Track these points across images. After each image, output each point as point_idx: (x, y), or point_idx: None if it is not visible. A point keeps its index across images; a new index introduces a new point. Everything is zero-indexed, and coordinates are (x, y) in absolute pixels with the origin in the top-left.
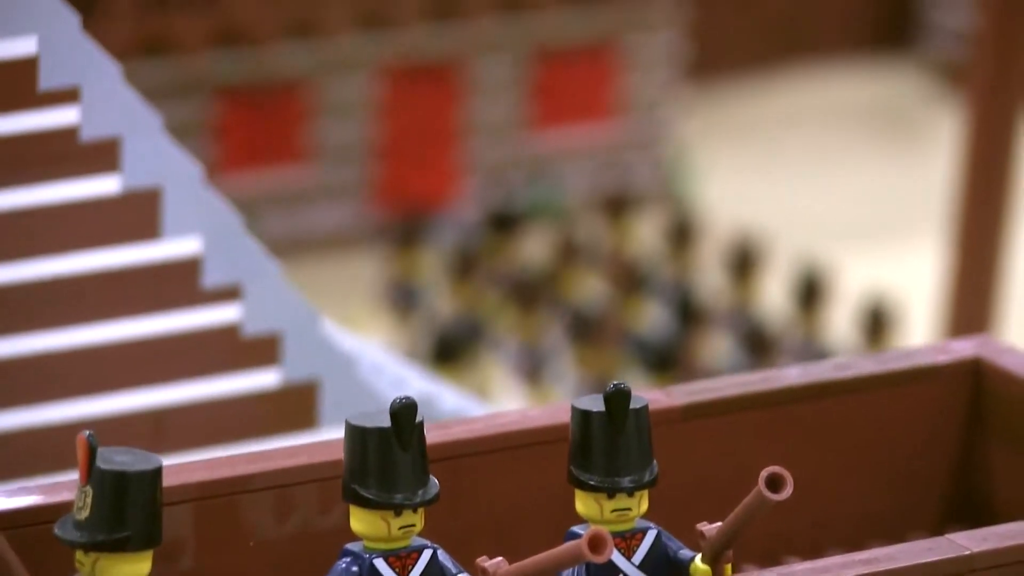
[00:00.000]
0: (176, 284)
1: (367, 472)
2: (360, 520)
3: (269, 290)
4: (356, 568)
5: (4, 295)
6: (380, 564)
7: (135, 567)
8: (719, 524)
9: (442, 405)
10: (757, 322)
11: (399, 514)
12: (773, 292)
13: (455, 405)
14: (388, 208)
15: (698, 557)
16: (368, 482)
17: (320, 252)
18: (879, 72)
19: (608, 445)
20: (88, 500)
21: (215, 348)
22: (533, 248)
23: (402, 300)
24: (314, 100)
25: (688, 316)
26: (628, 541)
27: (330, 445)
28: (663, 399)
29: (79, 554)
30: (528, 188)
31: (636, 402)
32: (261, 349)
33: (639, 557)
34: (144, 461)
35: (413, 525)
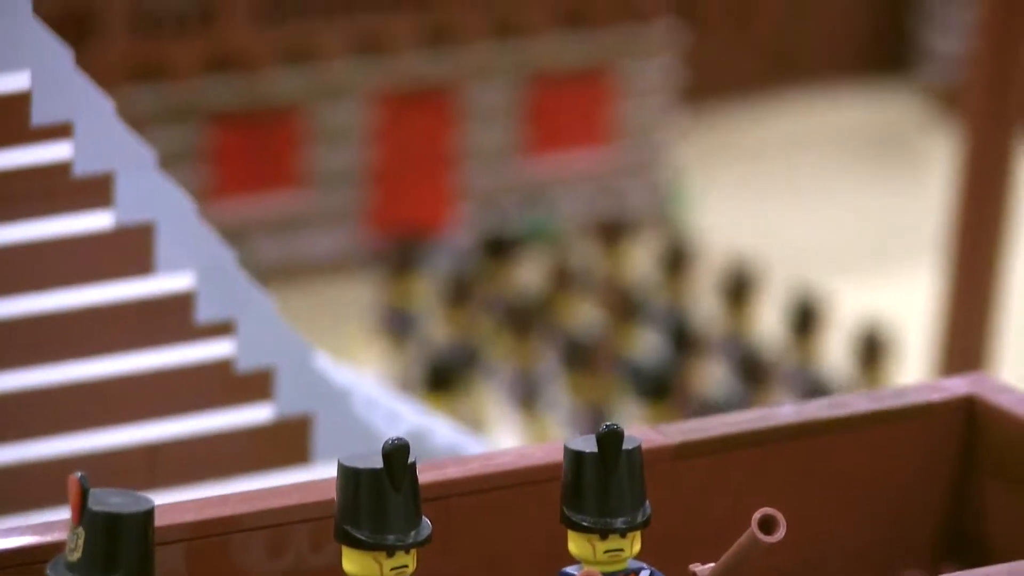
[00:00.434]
0: (169, 319)
1: (359, 513)
2: (352, 561)
3: (262, 325)
4: None
5: None
6: None
7: None
8: (712, 565)
9: (436, 439)
10: (752, 349)
11: (391, 555)
12: (768, 319)
13: (449, 439)
14: (382, 234)
15: None
16: (360, 523)
17: (314, 278)
18: (874, 97)
19: (601, 486)
20: (80, 542)
21: (208, 383)
22: (527, 274)
23: (397, 326)
24: (308, 125)
25: (682, 343)
26: None
27: (322, 484)
28: (656, 438)
29: None
30: (523, 214)
31: (629, 443)
32: (254, 384)
33: None
34: (136, 503)
35: (406, 566)
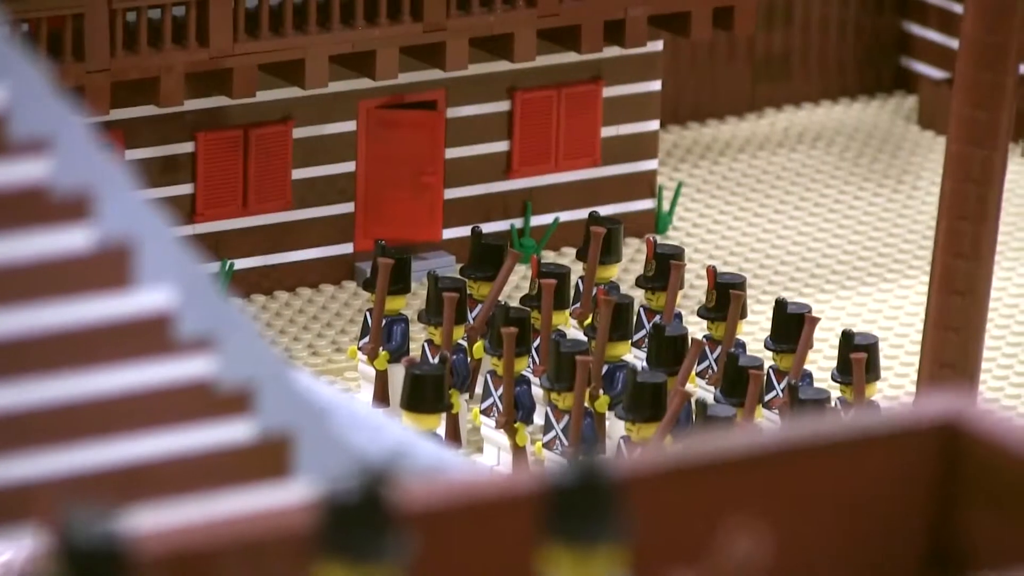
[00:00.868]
0: (150, 336)
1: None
2: None
3: (243, 342)
4: None
5: None
6: None
7: None
8: None
9: (418, 455)
10: (735, 360)
11: None
12: (751, 331)
13: (432, 455)
14: (369, 246)
15: None
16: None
17: (301, 290)
18: (862, 117)
19: (580, 509)
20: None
21: (189, 400)
22: (513, 287)
23: (383, 338)
24: (296, 140)
25: (668, 355)
26: None
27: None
28: (638, 461)
29: None
30: (509, 228)
31: (609, 467)
32: (235, 401)
33: None
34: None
35: None
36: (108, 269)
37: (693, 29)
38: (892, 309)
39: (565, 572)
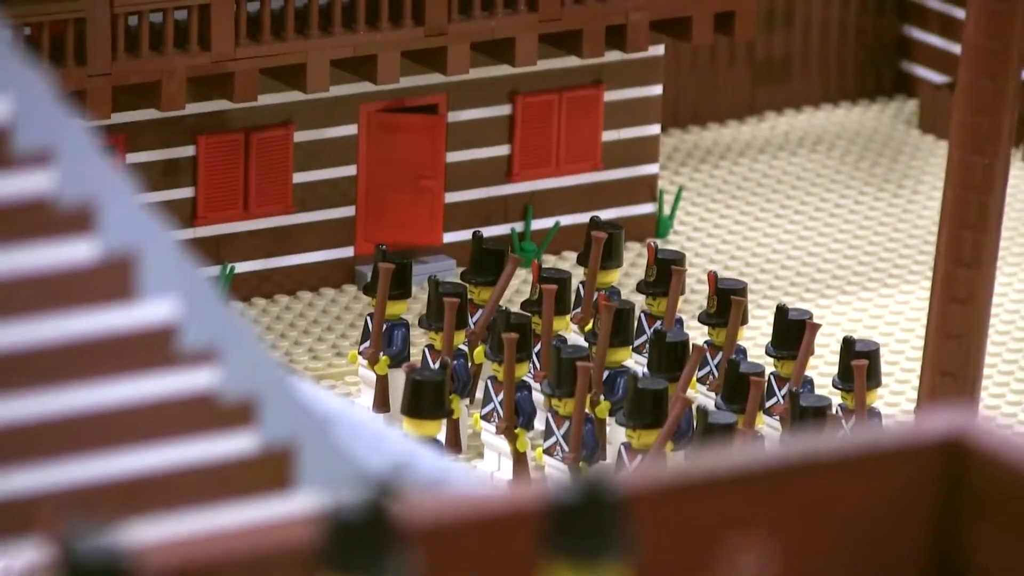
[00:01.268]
0: (152, 348)
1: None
2: None
3: (246, 354)
4: None
5: None
6: None
7: None
8: None
9: (421, 467)
10: (736, 367)
11: None
12: (752, 336)
13: (434, 466)
14: (370, 250)
15: None
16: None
17: (302, 294)
18: (862, 121)
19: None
20: None
21: (192, 412)
22: (514, 291)
23: (384, 342)
24: (297, 143)
25: (667, 360)
26: None
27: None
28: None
29: None
30: (510, 232)
31: (612, 483)
32: (238, 413)
33: None
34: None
35: None
36: (111, 281)
37: (694, 34)
38: (893, 315)
39: None
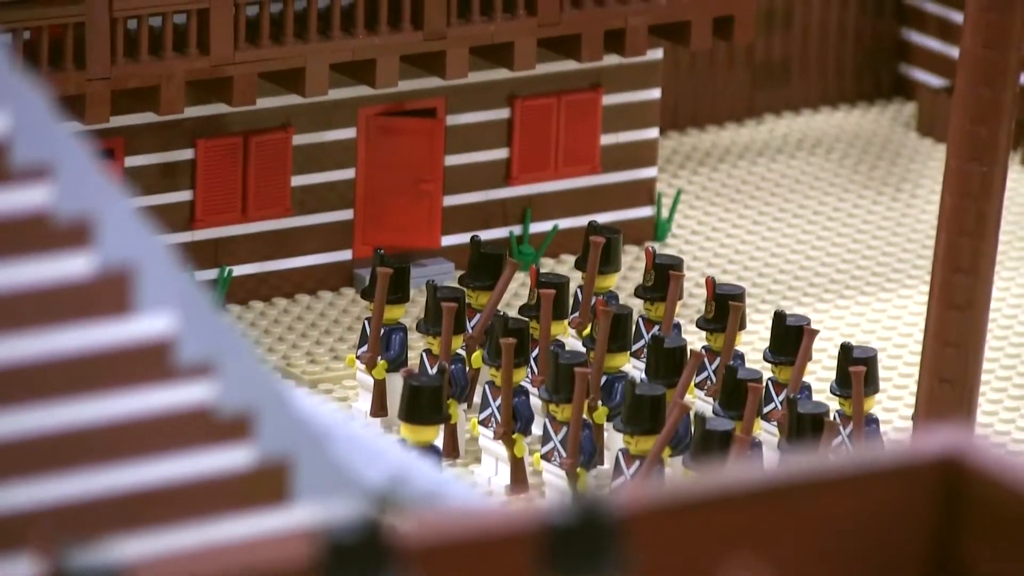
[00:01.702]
0: (149, 362)
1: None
2: None
3: (243, 368)
4: None
5: None
6: None
7: None
8: None
9: (417, 481)
10: (734, 373)
11: None
12: (750, 341)
13: (431, 480)
14: (368, 253)
15: None
16: None
17: (300, 297)
18: (861, 124)
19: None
20: None
21: (188, 426)
22: (512, 295)
23: (382, 347)
24: (295, 146)
25: (665, 366)
26: None
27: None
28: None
29: None
30: (509, 235)
31: (608, 503)
32: (234, 426)
33: None
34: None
35: None
36: (108, 295)
37: (693, 39)
38: (890, 319)
39: None
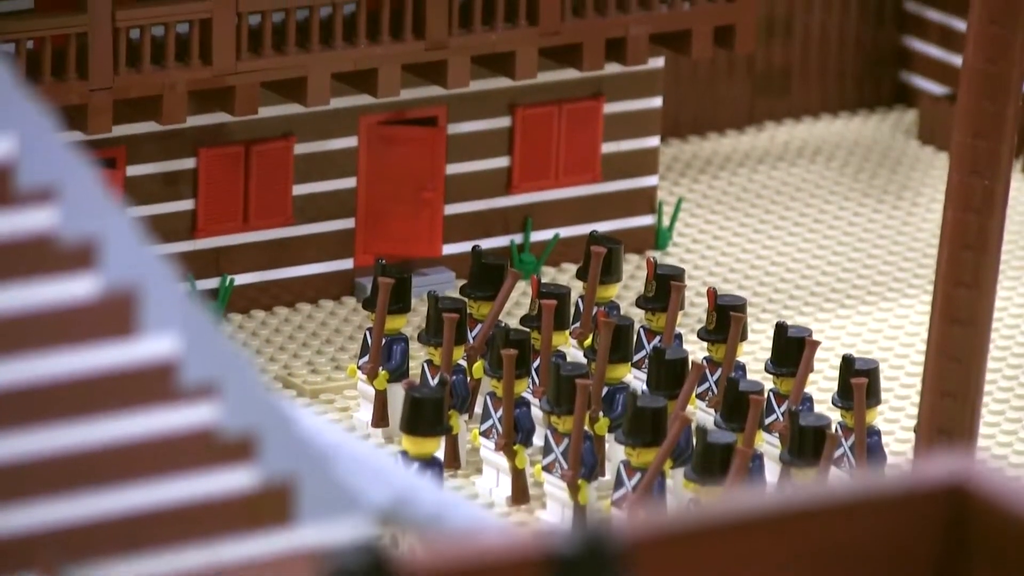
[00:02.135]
0: (154, 383)
1: None
2: None
3: (246, 389)
4: None
5: None
6: None
7: None
8: None
9: (420, 503)
10: (735, 385)
11: None
12: (751, 351)
13: (434, 502)
14: (369, 262)
15: None
16: None
17: (301, 306)
18: (862, 131)
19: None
20: None
21: (193, 448)
22: (514, 303)
23: (383, 357)
24: (297, 155)
25: (667, 378)
26: None
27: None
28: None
29: None
30: (510, 244)
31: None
32: (238, 448)
33: None
34: None
35: None
36: (113, 317)
37: (694, 47)
38: (892, 328)
39: None
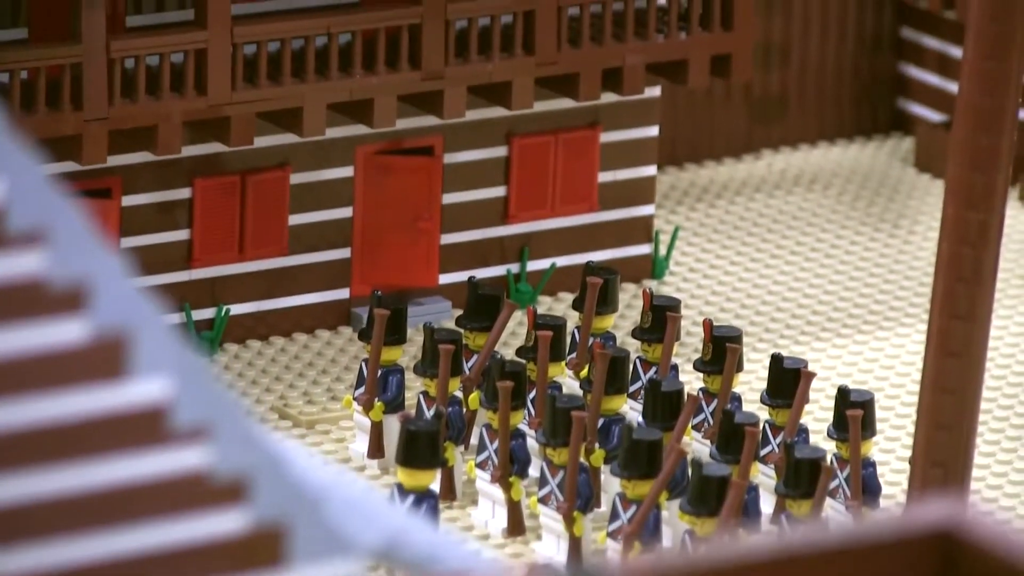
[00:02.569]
0: (145, 427)
1: None
2: None
3: (238, 432)
4: None
5: None
6: None
7: None
8: None
9: (413, 546)
10: (731, 417)
11: None
12: (747, 381)
13: (426, 545)
14: (366, 291)
15: None
16: None
17: (297, 336)
18: (858, 159)
19: None
20: None
21: (184, 491)
22: (510, 333)
23: (379, 388)
24: (293, 185)
25: (663, 410)
26: None
27: None
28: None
29: None
30: (506, 274)
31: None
32: (230, 491)
33: None
34: None
35: None
36: (104, 360)
37: (691, 76)
38: (888, 358)
39: None
